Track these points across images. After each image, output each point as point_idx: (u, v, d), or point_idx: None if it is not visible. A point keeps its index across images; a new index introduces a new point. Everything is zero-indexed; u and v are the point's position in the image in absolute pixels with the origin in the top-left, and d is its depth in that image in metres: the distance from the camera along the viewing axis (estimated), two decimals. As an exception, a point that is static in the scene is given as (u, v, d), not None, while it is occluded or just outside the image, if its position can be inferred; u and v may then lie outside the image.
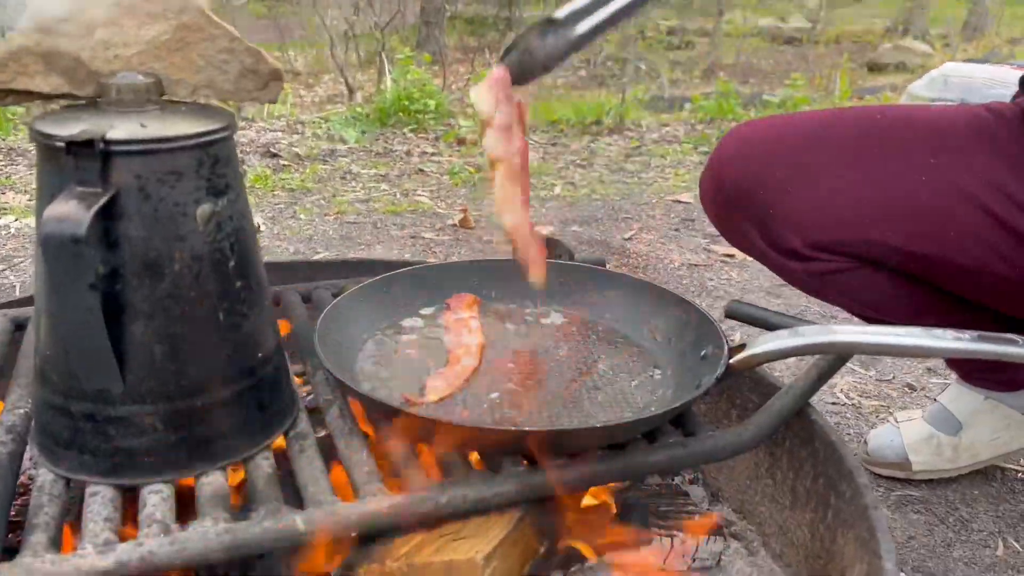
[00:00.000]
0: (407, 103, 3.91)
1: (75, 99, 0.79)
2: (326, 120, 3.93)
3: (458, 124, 3.85)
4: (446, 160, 3.40)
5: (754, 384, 1.06)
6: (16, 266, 2.12)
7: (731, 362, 0.85)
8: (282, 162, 3.25)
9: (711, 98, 4.42)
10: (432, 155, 3.49)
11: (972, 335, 0.80)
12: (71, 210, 0.64)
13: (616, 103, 4.32)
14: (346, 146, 3.54)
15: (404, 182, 3.07)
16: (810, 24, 8.30)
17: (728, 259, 2.34)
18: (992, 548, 1.19)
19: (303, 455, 0.80)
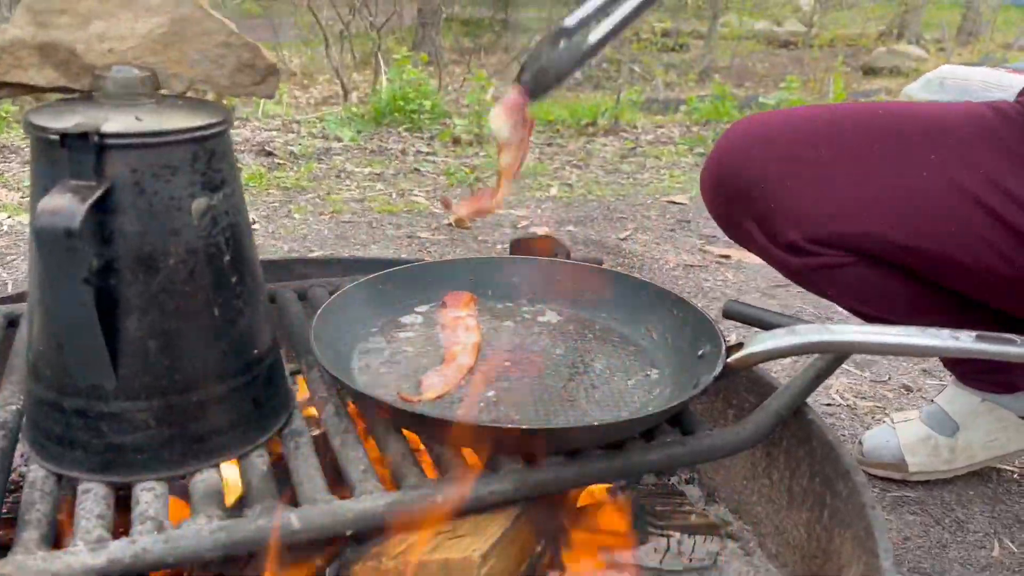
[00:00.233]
0: (402, 103, 3.90)
1: (70, 92, 0.78)
2: (321, 120, 3.92)
3: (453, 124, 3.84)
4: (441, 160, 3.39)
5: (751, 384, 1.06)
6: (9, 264, 2.10)
7: (728, 361, 0.85)
8: (277, 161, 3.24)
9: (706, 100, 4.42)
10: (428, 155, 3.48)
11: (970, 335, 0.80)
12: (65, 203, 0.63)
13: (611, 105, 4.32)
14: (341, 144, 3.53)
15: (400, 181, 3.07)
16: (805, 28, 8.32)
17: (723, 260, 2.34)
18: (988, 549, 1.19)
19: (298, 452, 0.80)
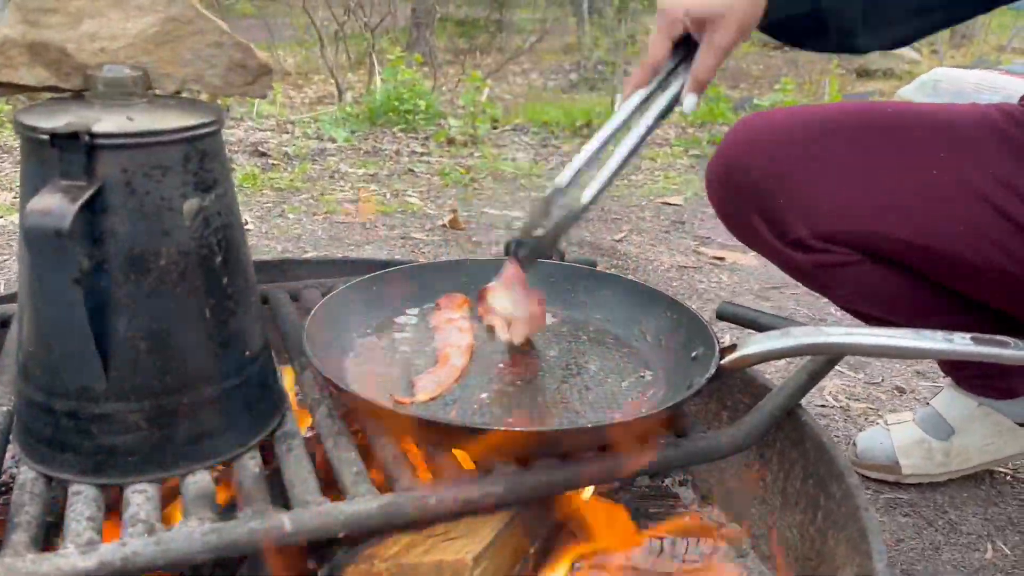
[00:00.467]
0: (397, 103, 3.90)
1: (61, 92, 0.78)
2: (315, 120, 3.91)
3: (448, 124, 3.84)
4: (436, 160, 3.39)
5: (745, 385, 1.06)
6: (0, 264, 2.09)
7: (722, 363, 0.85)
8: (271, 161, 3.23)
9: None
10: (422, 155, 3.48)
11: (963, 337, 0.79)
12: (55, 203, 0.63)
13: (606, 106, 4.32)
14: (335, 144, 3.53)
15: (394, 182, 3.06)
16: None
17: (718, 262, 2.34)
18: (981, 551, 1.19)
19: (290, 455, 0.79)
